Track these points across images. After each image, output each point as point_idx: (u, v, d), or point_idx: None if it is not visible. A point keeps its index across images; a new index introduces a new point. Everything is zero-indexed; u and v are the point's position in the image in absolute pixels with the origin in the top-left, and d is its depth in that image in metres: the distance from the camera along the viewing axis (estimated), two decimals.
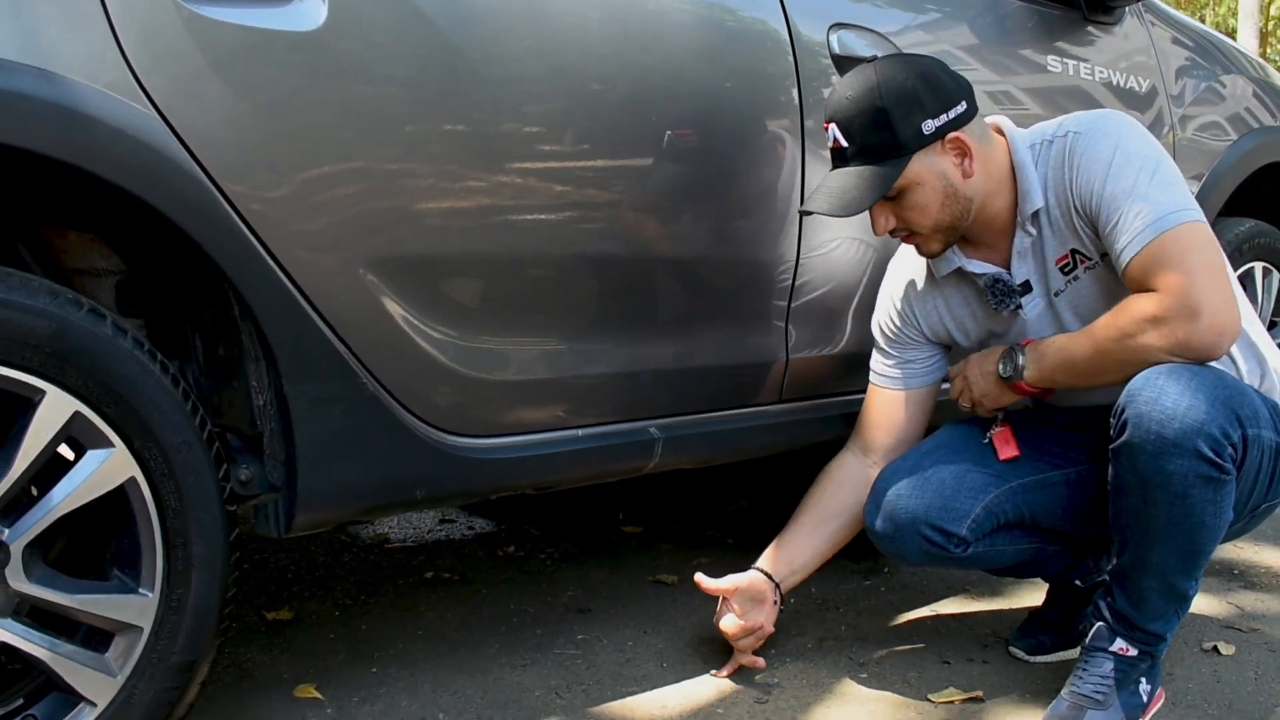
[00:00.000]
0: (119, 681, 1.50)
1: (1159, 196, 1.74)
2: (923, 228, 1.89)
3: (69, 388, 1.42)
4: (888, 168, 1.81)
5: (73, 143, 1.36)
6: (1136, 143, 1.79)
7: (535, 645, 2.20)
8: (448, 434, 1.74)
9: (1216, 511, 1.74)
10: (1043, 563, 2.11)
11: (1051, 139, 1.87)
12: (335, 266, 1.59)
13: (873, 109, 1.80)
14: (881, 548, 2.04)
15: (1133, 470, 1.74)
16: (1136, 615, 1.85)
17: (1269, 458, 1.79)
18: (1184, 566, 1.79)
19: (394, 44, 1.62)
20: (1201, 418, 1.67)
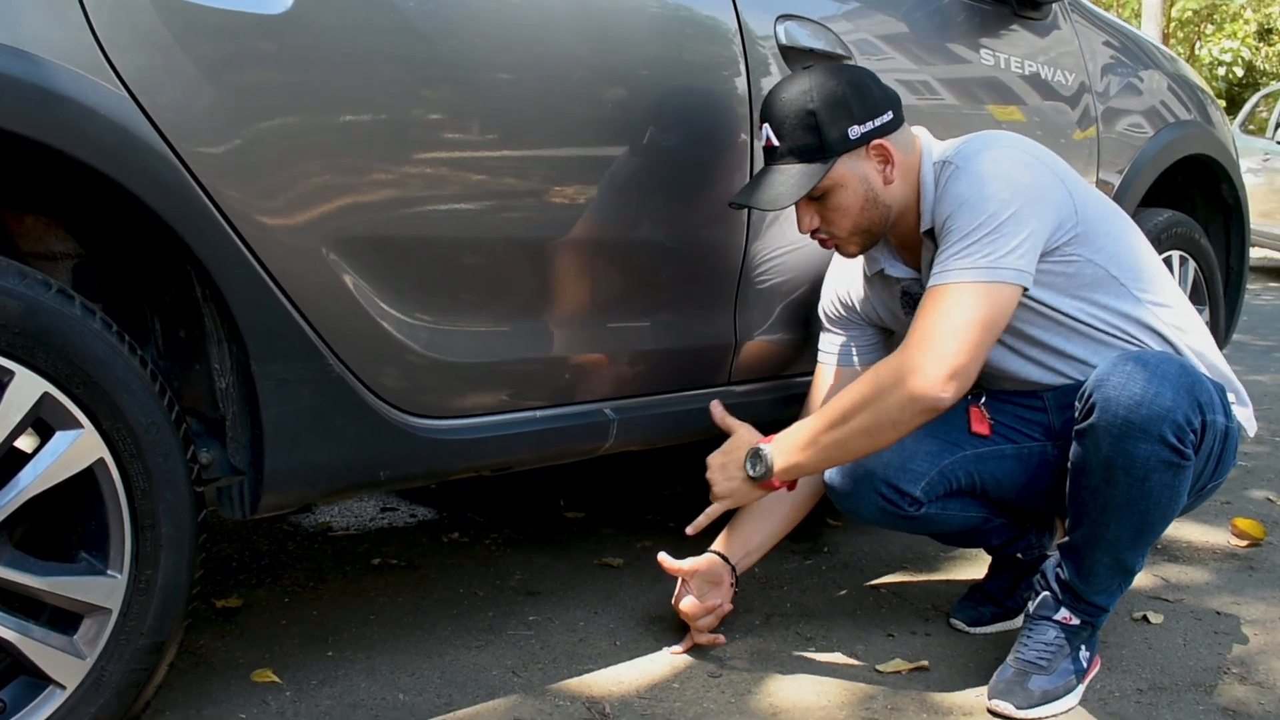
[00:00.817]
0: (88, 664, 1.50)
1: (981, 249, 1.81)
2: (841, 230, 1.96)
3: (38, 368, 1.42)
4: (814, 168, 1.89)
5: (44, 122, 1.35)
6: (998, 186, 1.83)
7: (488, 627, 2.22)
8: (411, 415, 1.76)
9: (1172, 495, 1.83)
10: (987, 533, 2.18)
11: (945, 161, 1.94)
12: (301, 248, 1.60)
13: (804, 111, 1.88)
14: (839, 505, 2.09)
15: (1097, 451, 1.81)
16: (1084, 588, 1.93)
17: (1219, 441, 1.88)
18: (1135, 544, 1.88)
19: (358, 29, 1.63)
20: (1168, 405, 1.76)
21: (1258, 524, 2.79)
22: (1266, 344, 5.95)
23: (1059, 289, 1.94)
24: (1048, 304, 1.95)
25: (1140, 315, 1.98)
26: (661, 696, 1.93)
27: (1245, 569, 2.58)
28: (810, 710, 1.89)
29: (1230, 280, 3.51)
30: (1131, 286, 1.97)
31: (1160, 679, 2.01)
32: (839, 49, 2.28)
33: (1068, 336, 1.99)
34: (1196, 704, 1.92)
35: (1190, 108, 3.28)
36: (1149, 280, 2.01)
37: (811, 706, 1.90)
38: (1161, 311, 2.01)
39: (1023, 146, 1.93)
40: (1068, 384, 2.02)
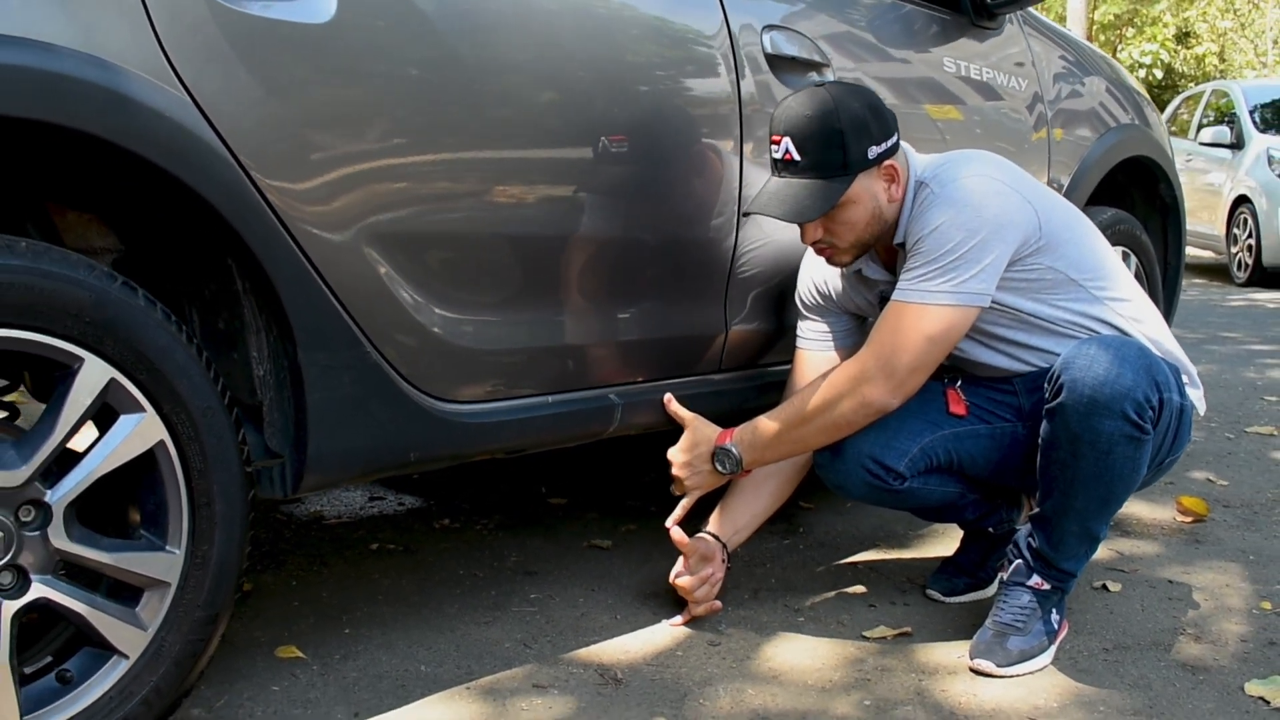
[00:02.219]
0: (149, 634, 1.59)
1: (945, 274, 1.99)
2: (844, 241, 2.10)
3: (106, 356, 1.51)
4: (835, 184, 2.01)
5: (117, 124, 1.45)
6: (968, 216, 2.00)
7: (493, 604, 2.33)
8: (438, 400, 1.87)
9: (1134, 466, 1.99)
10: (962, 508, 2.33)
11: (922, 183, 2.10)
12: (342, 242, 1.71)
13: (830, 129, 2.00)
14: (827, 479, 2.23)
15: (1065, 428, 1.97)
16: (1054, 555, 2.09)
17: (1175, 417, 2.06)
18: (1100, 512, 2.04)
19: (395, 37, 1.74)
20: (1129, 384, 1.92)
21: (1201, 501, 2.97)
22: (1197, 336, 6.22)
23: (1022, 293, 2.11)
24: (1013, 306, 2.12)
25: (1098, 312, 2.15)
26: (667, 663, 2.06)
27: (1192, 542, 2.76)
28: (807, 672, 2.03)
29: (1168, 274, 3.71)
30: (1090, 286, 2.13)
31: (1123, 640, 2.18)
32: (818, 56, 2.42)
33: (1031, 332, 2.16)
34: (1158, 660, 2.08)
35: (1130, 111, 3.47)
36: (1107, 278, 2.17)
37: (807, 669, 2.04)
38: (1119, 306, 2.17)
39: (994, 172, 2.08)
40: (1035, 370, 2.18)
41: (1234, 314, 7.55)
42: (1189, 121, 10.99)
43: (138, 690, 1.57)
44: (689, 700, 1.91)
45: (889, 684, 1.99)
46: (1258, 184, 9.35)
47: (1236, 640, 2.17)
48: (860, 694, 1.94)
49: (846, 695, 1.94)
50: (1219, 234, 9.90)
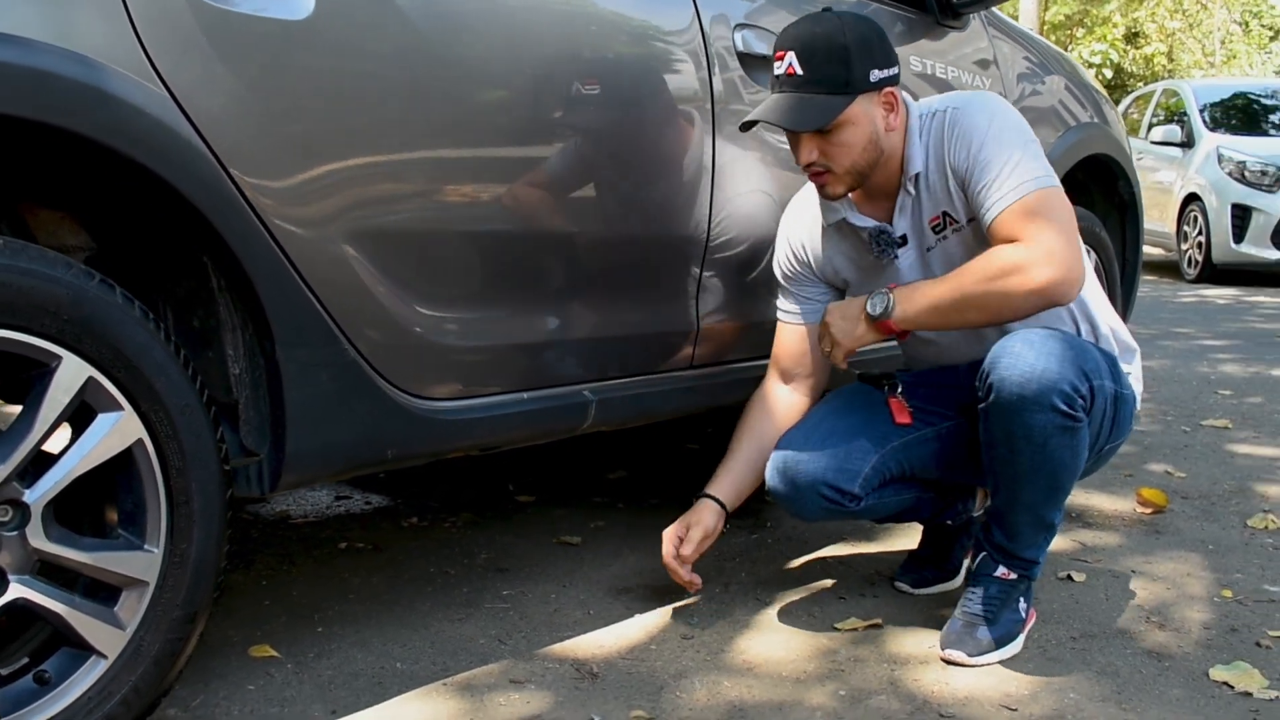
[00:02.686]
0: (128, 634, 1.58)
1: (1029, 163, 2.00)
2: (840, 165, 2.06)
3: (84, 354, 1.50)
4: (837, 99, 1.99)
5: (98, 121, 1.44)
6: (1011, 117, 2.05)
7: (465, 601, 2.33)
8: (415, 398, 1.87)
9: (1074, 453, 2.02)
10: (919, 508, 2.36)
11: (934, 112, 2.11)
12: (320, 240, 1.70)
13: (837, 45, 1.99)
14: (785, 507, 2.24)
15: (1000, 427, 2.00)
16: (1013, 546, 2.12)
17: (1110, 404, 2.09)
18: (1050, 501, 2.07)
19: (373, 34, 1.74)
20: (1054, 377, 1.94)
21: (1161, 493, 3.03)
22: (1150, 332, 6.32)
23: None
24: None
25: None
26: (642, 657, 2.07)
27: (1152, 533, 2.81)
28: (781, 664, 2.05)
29: (1126, 271, 3.77)
30: None
31: (1089, 628, 2.22)
32: None
33: None
34: (1124, 648, 2.12)
35: (1090, 109, 3.52)
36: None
37: (781, 660, 2.06)
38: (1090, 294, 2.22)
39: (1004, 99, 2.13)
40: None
41: (1185, 310, 7.68)
42: (1140, 120, 11.15)
43: (117, 690, 1.56)
44: (665, 693, 1.93)
45: (862, 674, 2.01)
46: (1207, 182, 9.51)
47: (1199, 627, 2.22)
48: (835, 684, 1.97)
49: (821, 686, 1.96)
50: (1170, 231, 10.05)
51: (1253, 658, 2.07)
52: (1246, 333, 6.48)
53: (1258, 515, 2.91)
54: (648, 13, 2.20)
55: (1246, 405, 4.36)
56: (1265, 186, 9.14)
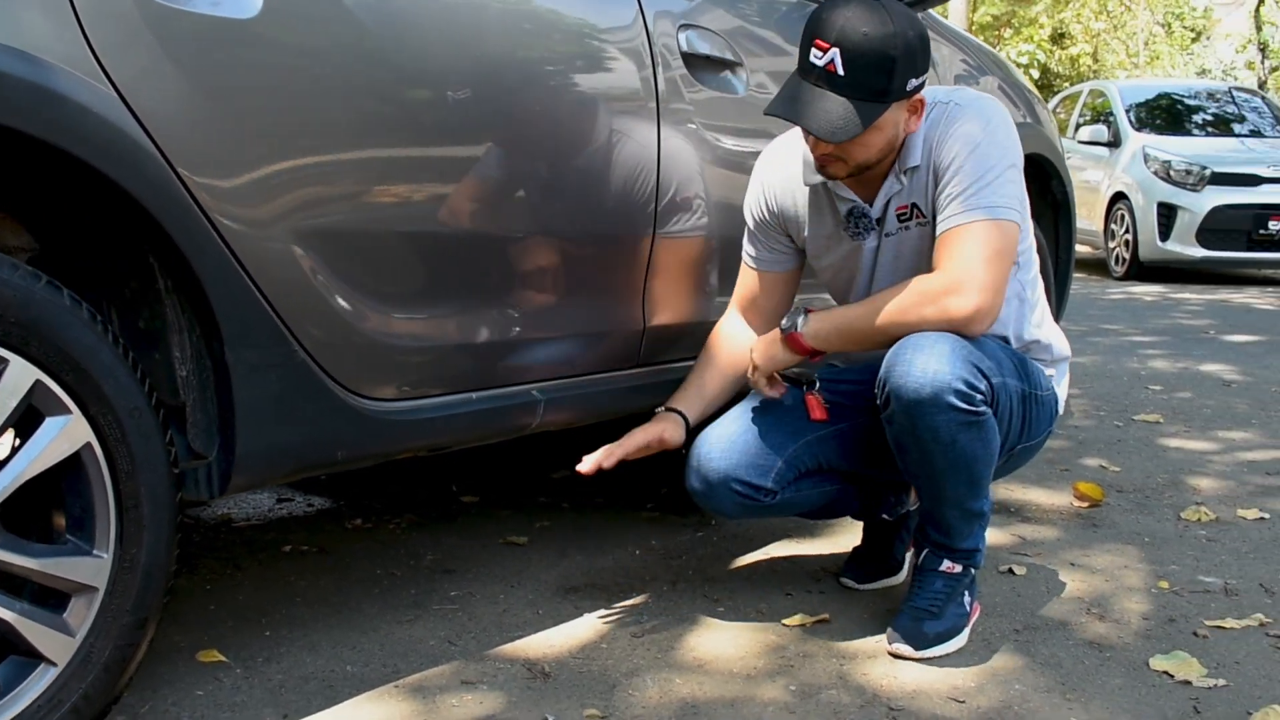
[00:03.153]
0: (78, 641, 1.56)
1: (999, 189, 2.02)
2: (854, 160, 2.04)
3: (31, 357, 1.47)
4: (872, 107, 1.95)
5: (44, 120, 1.42)
6: (1004, 135, 2.06)
7: (413, 603, 2.32)
8: (364, 399, 1.86)
9: (985, 444, 2.04)
10: (844, 500, 2.37)
11: (938, 103, 2.10)
12: (268, 240, 1.69)
13: (885, 55, 1.92)
14: (701, 504, 2.25)
15: (905, 432, 2.03)
16: (949, 540, 2.16)
17: (1017, 401, 2.12)
18: (972, 492, 2.10)
19: (320, 33, 1.73)
20: (947, 376, 1.95)
21: (1096, 487, 3.09)
22: (1081, 329, 6.44)
23: None
24: None
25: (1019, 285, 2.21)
26: (593, 656, 2.08)
27: (1089, 526, 2.87)
28: (731, 660, 2.06)
29: (1059, 269, 3.84)
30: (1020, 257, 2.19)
31: (1031, 621, 2.26)
32: (730, 55, 2.46)
33: None
34: (1066, 640, 2.17)
35: (1022, 109, 3.58)
36: (1029, 250, 2.25)
37: (731, 657, 2.08)
38: (1034, 283, 2.26)
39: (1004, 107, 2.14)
40: None
41: (1114, 307, 7.83)
42: (1067, 120, 11.35)
43: (67, 698, 1.54)
44: (618, 691, 1.94)
45: (811, 669, 2.03)
46: (1134, 181, 9.71)
47: (1138, 618, 2.27)
48: (785, 680, 1.99)
49: (771, 682, 1.98)
50: (1097, 229, 10.24)
51: (1190, 647, 2.12)
52: (1174, 329, 6.62)
53: (1190, 508, 2.98)
54: (592, 13, 2.20)
55: (1176, 400, 4.46)
56: (1190, 186, 9.35)
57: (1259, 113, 11.06)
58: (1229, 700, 1.92)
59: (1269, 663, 2.07)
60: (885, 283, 2.19)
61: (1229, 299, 8.45)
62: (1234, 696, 1.93)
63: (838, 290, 2.35)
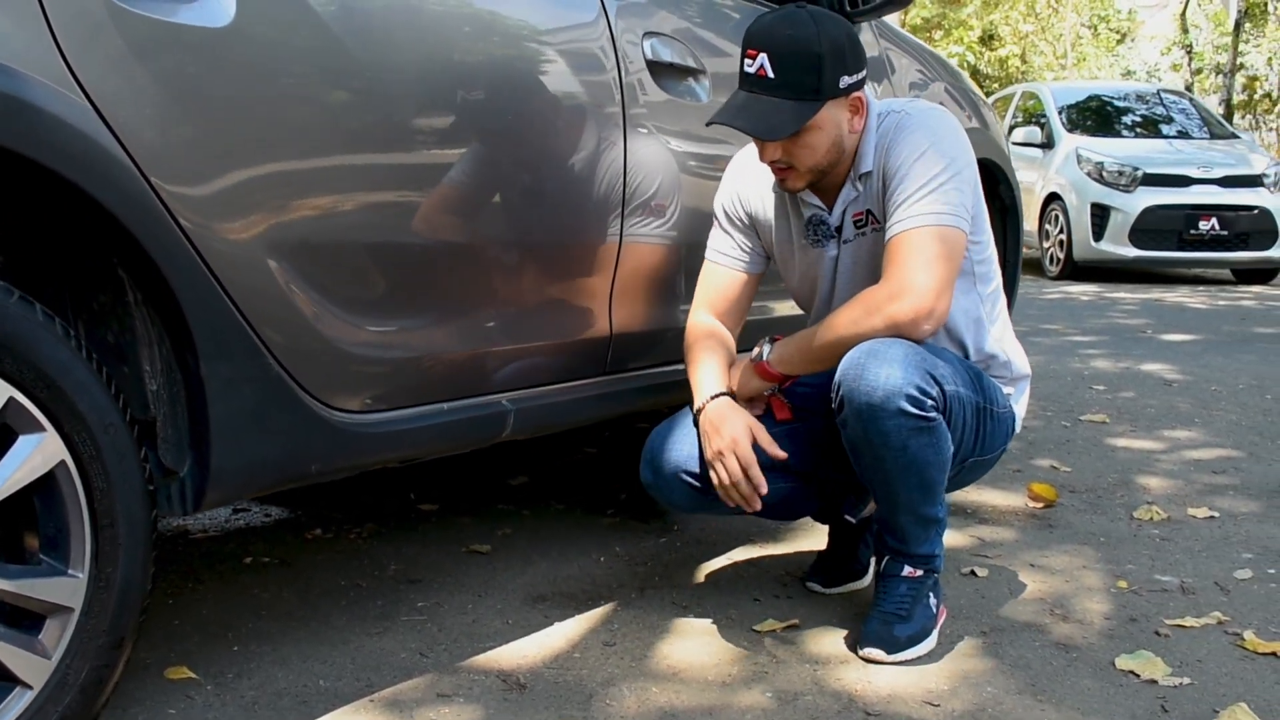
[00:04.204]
0: (54, 662, 1.52)
1: (945, 196, 2.05)
2: (803, 165, 2.09)
3: (4, 373, 1.44)
4: (805, 105, 2.02)
5: (16, 131, 1.38)
6: (951, 144, 2.09)
7: (381, 614, 2.30)
8: (337, 411, 1.84)
9: (937, 450, 2.06)
10: (802, 500, 2.37)
11: (890, 112, 2.15)
12: (244, 252, 1.66)
13: (810, 53, 2.00)
14: (653, 496, 2.25)
15: (858, 435, 2.04)
16: (905, 546, 2.18)
17: (970, 413, 2.14)
18: (926, 498, 2.12)
19: (293, 42, 1.71)
20: (899, 382, 1.98)
21: (1050, 487, 3.14)
22: (1022, 329, 6.52)
23: None
24: None
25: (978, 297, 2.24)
26: (567, 666, 2.07)
27: (1045, 527, 2.91)
28: (705, 668, 2.07)
29: (1007, 272, 3.88)
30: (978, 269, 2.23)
31: (997, 623, 2.29)
32: (692, 62, 2.47)
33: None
34: (1033, 641, 2.20)
35: (969, 113, 3.62)
36: (989, 261, 2.27)
37: (705, 665, 2.08)
38: (995, 296, 2.29)
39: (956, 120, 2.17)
40: None
41: (1052, 307, 7.96)
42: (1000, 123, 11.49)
43: None
44: (595, 701, 1.93)
45: (786, 675, 2.04)
46: (1068, 182, 9.87)
47: (1100, 618, 2.31)
48: (761, 686, 1.99)
49: (747, 688, 1.99)
50: (1031, 230, 10.40)
51: (1154, 646, 2.16)
52: (1112, 329, 6.74)
53: (1142, 507, 3.04)
54: (560, 22, 2.20)
55: (1120, 400, 4.54)
56: (1122, 186, 9.52)
57: (1186, 114, 11.30)
58: (1195, 699, 1.96)
59: (1230, 660, 2.11)
60: (845, 290, 2.23)
61: (1163, 298, 8.62)
62: (1200, 695, 1.97)
63: (803, 297, 2.37)
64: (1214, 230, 9.38)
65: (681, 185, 2.43)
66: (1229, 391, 4.72)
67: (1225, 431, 3.98)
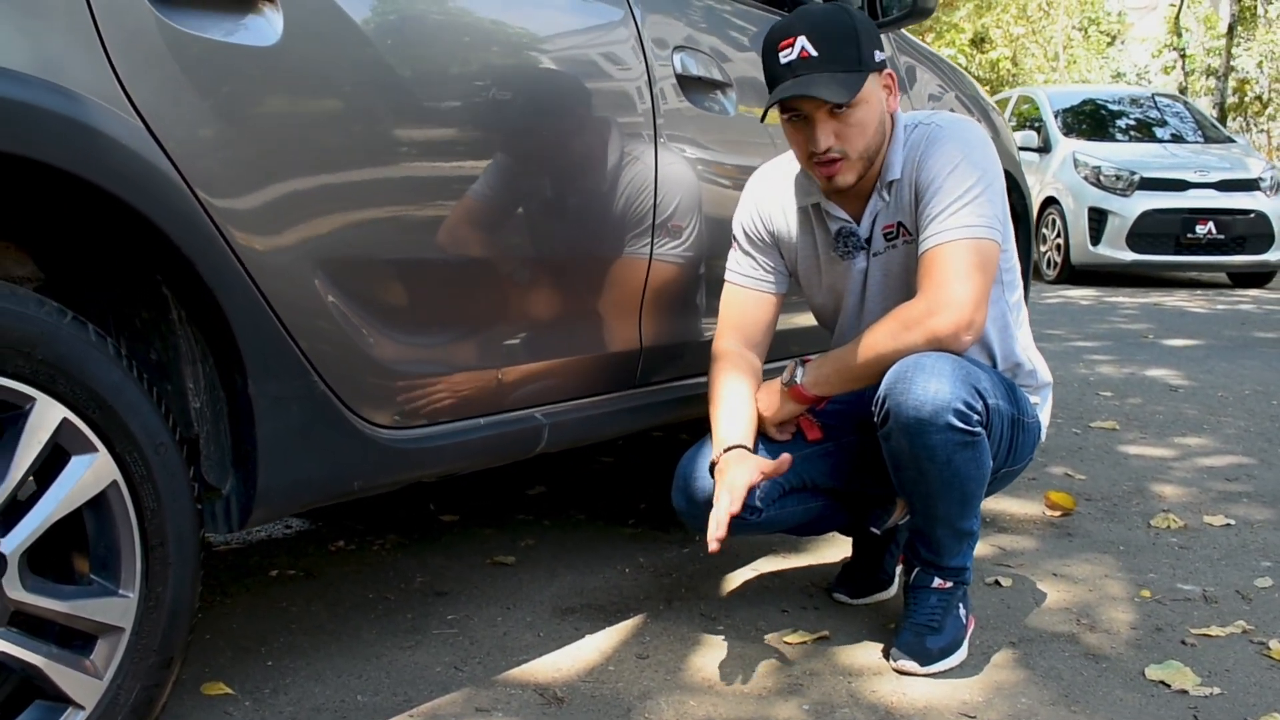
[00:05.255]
0: (105, 683, 1.53)
1: (978, 209, 2.07)
2: (855, 150, 2.08)
3: (58, 394, 1.44)
4: (854, 76, 2.03)
5: (78, 155, 1.39)
6: (982, 156, 2.11)
7: (411, 628, 2.31)
8: (379, 427, 1.85)
9: (979, 464, 2.08)
10: (830, 517, 2.39)
11: (919, 124, 2.17)
12: (289, 269, 1.67)
13: (847, 26, 2.05)
14: (689, 524, 2.25)
15: (902, 450, 2.05)
16: (938, 559, 2.19)
17: (1007, 425, 2.16)
18: (964, 512, 2.14)
19: (339, 60, 1.71)
20: (947, 396, 1.99)
21: (1067, 496, 3.15)
22: None
23: None
24: None
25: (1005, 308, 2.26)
26: (602, 679, 2.08)
27: (1064, 536, 2.93)
28: (739, 681, 2.07)
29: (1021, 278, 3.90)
30: (1005, 278, 2.24)
31: (1025, 633, 2.30)
32: (719, 75, 2.48)
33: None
34: (1062, 650, 2.21)
35: (982, 122, 3.64)
36: (1014, 270, 2.29)
37: (740, 677, 2.09)
38: (1019, 308, 2.30)
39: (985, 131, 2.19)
40: None
41: (1053, 311, 7.98)
42: None
43: None
44: (634, 715, 1.94)
45: (821, 687, 2.05)
46: (1065, 186, 9.91)
47: (1127, 628, 2.32)
48: (797, 699, 2.00)
49: (784, 701, 2.00)
50: None
51: (1181, 656, 2.17)
52: (1114, 333, 6.77)
53: (1159, 515, 3.06)
54: (595, 34, 2.21)
55: (1128, 406, 4.56)
56: (1120, 191, 9.57)
57: (1180, 118, 11.35)
58: (1226, 708, 1.97)
59: (1258, 670, 2.12)
60: (875, 303, 2.23)
61: (1162, 302, 8.66)
62: (1230, 705, 1.98)
63: (828, 314, 2.38)
64: (1211, 234, 9.43)
65: (709, 199, 2.44)
66: (1235, 397, 4.74)
67: (1235, 438, 4.00)
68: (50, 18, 1.39)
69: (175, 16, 1.51)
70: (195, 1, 1.55)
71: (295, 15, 1.64)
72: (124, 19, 1.46)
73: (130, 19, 1.46)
